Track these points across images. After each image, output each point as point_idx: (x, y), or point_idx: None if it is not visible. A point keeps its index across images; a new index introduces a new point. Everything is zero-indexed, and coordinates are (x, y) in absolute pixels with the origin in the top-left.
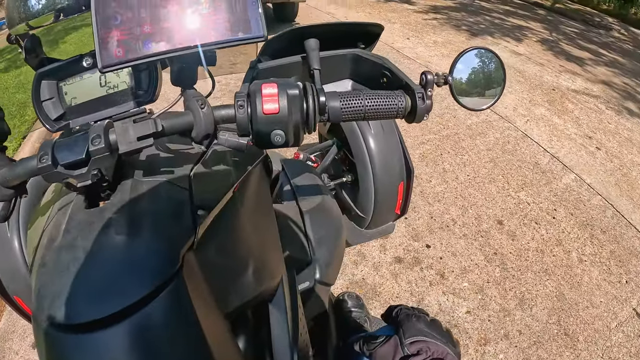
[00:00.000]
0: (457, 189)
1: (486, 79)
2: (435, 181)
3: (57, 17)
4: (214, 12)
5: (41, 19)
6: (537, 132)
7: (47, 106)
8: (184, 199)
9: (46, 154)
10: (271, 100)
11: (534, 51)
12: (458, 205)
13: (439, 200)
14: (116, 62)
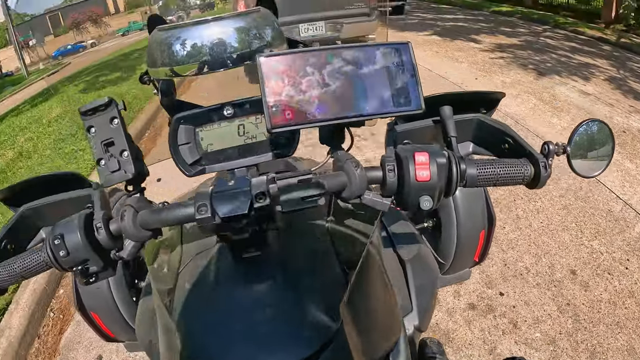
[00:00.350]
0: (530, 237)
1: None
2: (509, 228)
3: (200, 68)
4: (377, 84)
5: (184, 67)
6: (609, 177)
7: (184, 150)
8: (330, 253)
9: (205, 205)
10: (423, 168)
11: (602, 90)
12: (531, 253)
13: (513, 247)
14: (284, 124)
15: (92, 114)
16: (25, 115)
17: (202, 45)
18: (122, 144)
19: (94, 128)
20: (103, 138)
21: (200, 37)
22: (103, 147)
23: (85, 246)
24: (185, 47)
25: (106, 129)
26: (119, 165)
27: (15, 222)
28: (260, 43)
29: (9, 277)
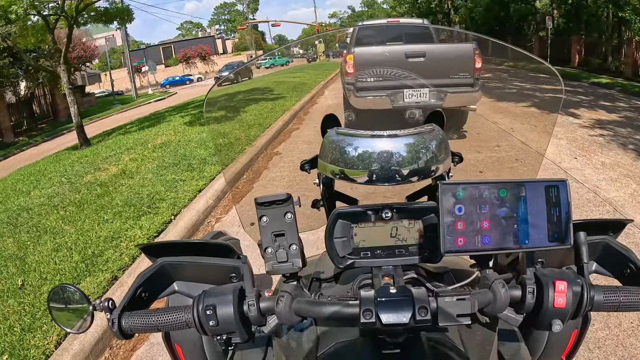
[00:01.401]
0: (618, 337)
1: None
2: (597, 325)
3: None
4: (537, 219)
5: (352, 171)
6: None
7: (338, 243)
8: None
9: (370, 311)
10: (561, 296)
11: None
12: (618, 355)
13: (599, 347)
14: (456, 249)
15: (267, 205)
16: (132, 136)
17: (374, 156)
18: (292, 238)
19: (266, 217)
20: (274, 229)
21: (373, 147)
22: (272, 236)
23: (237, 321)
24: (357, 154)
25: (279, 221)
26: (287, 257)
27: (153, 272)
28: (428, 161)
29: (144, 327)
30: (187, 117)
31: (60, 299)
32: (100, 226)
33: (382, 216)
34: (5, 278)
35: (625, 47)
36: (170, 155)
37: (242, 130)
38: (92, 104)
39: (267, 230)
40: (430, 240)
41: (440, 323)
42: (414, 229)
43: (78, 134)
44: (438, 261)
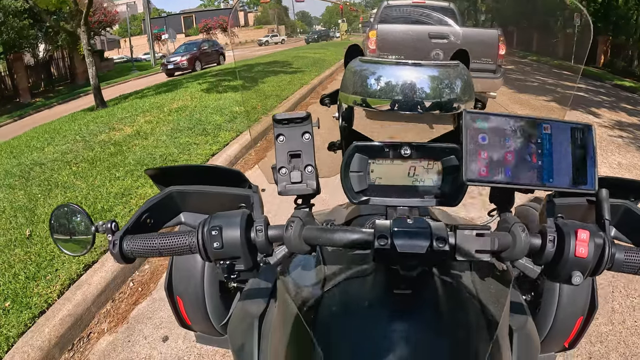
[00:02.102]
0: (621, 334)
1: None
2: (601, 319)
3: (391, 106)
4: (562, 159)
5: (374, 100)
6: None
7: (354, 178)
8: (475, 306)
9: (385, 237)
10: (583, 245)
11: None
12: (619, 351)
13: (602, 341)
14: (479, 179)
15: (286, 123)
16: (148, 99)
17: (397, 85)
18: (308, 159)
19: (283, 137)
20: (291, 149)
21: (397, 76)
22: (288, 157)
23: (242, 245)
24: (380, 82)
25: (296, 141)
26: (302, 178)
27: (160, 199)
28: (451, 96)
29: (146, 250)
30: (204, 85)
31: (63, 218)
32: (111, 183)
33: (401, 153)
34: (14, 228)
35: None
36: (186, 119)
37: (258, 100)
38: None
39: (282, 150)
40: (448, 183)
41: (458, 257)
42: (432, 170)
43: (95, 95)
44: (455, 205)
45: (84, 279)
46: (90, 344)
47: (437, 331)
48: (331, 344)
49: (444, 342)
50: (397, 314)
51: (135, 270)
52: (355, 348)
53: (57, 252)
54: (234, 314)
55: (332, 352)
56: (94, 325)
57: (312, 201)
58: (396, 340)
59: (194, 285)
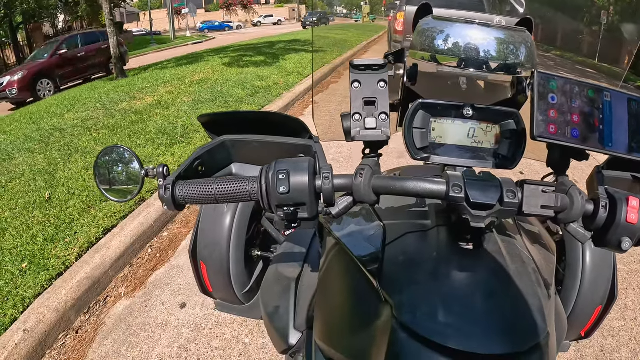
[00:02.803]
0: (633, 331)
1: None
2: (614, 315)
3: (459, 64)
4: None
5: (442, 57)
6: None
7: (416, 134)
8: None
9: (459, 186)
10: (634, 211)
11: None
12: (630, 347)
13: (614, 336)
14: (547, 136)
15: (362, 69)
16: (169, 71)
17: (466, 44)
18: (383, 107)
19: (358, 83)
20: (365, 95)
21: (466, 36)
22: (363, 103)
23: (310, 191)
24: (449, 40)
25: (371, 88)
26: (376, 125)
27: (214, 147)
28: (515, 60)
29: (200, 196)
30: (226, 59)
31: (109, 161)
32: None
33: (463, 113)
34: (33, 191)
35: None
36: (207, 91)
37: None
38: (129, 42)
39: (357, 96)
40: (506, 146)
41: (525, 210)
42: (491, 133)
43: (115, 64)
44: (512, 167)
45: (102, 242)
46: (106, 307)
47: (501, 285)
48: (401, 294)
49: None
50: (462, 267)
51: (154, 236)
52: (426, 297)
53: (76, 215)
54: (267, 277)
55: (402, 302)
56: (111, 290)
57: None
58: (464, 291)
59: (219, 251)
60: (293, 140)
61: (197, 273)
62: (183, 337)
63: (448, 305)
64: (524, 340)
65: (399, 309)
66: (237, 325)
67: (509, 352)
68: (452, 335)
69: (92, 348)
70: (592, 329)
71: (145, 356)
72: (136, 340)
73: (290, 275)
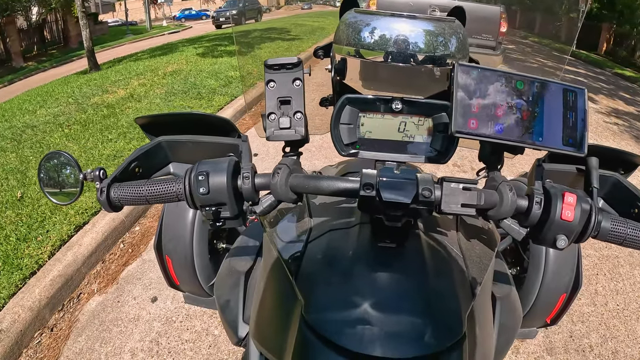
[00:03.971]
0: (603, 316)
1: None
2: (584, 300)
3: (386, 58)
4: (552, 119)
5: (368, 52)
6: None
7: (343, 130)
8: (462, 265)
9: (371, 185)
10: (570, 208)
11: None
12: (600, 333)
13: (583, 321)
14: (467, 131)
15: (277, 69)
16: (142, 62)
17: (391, 37)
18: (298, 106)
19: (273, 83)
20: (281, 95)
21: (391, 29)
22: (278, 103)
23: (228, 190)
24: (374, 34)
25: (286, 87)
26: (291, 124)
27: (150, 148)
28: (444, 51)
29: (133, 198)
30: (200, 49)
31: (51, 166)
32: (103, 145)
33: (392, 108)
34: (5, 190)
35: None
36: (180, 83)
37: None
38: (104, 33)
39: (272, 95)
40: (439, 140)
41: (443, 209)
42: (423, 127)
43: (88, 58)
44: (444, 162)
45: (74, 240)
46: (80, 304)
47: (418, 285)
48: (312, 292)
49: (424, 297)
50: (379, 266)
51: (126, 231)
52: (335, 297)
53: (48, 213)
54: (221, 271)
55: (312, 300)
56: (84, 286)
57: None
58: (376, 291)
59: (183, 244)
60: (222, 139)
61: (163, 267)
62: (154, 330)
63: (355, 306)
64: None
65: (307, 308)
66: (207, 317)
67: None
68: (354, 337)
69: (66, 345)
70: (558, 316)
71: (117, 351)
72: (109, 335)
73: (241, 269)
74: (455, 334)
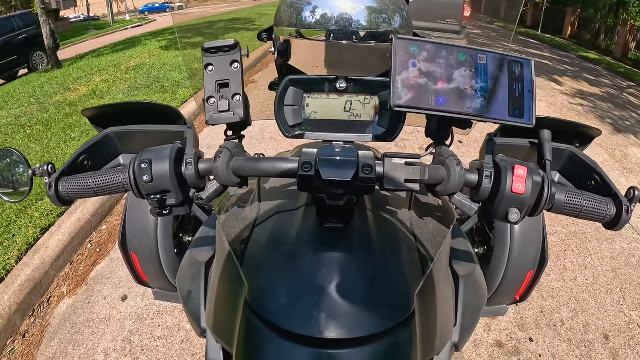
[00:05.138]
0: (572, 290)
1: None
2: (553, 276)
3: (328, 37)
4: (497, 91)
5: (310, 32)
6: None
7: (288, 111)
8: (410, 242)
9: (309, 164)
10: (520, 181)
11: None
12: (570, 307)
13: (553, 297)
14: (407, 105)
15: (214, 52)
16: (105, 58)
17: (332, 16)
18: (236, 88)
19: (212, 67)
20: (219, 78)
21: (332, 7)
22: (217, 86)
23: (171, 177)
24: (315, 14)
25: (224, 70)
26: (229, 107)
27: (98, 141)
28: (388, 27)
29: (81, 190)
30: (163, 42)
31: (5, 165)
32: (67, 144)
33: (337, 87)
34: None
35: (619, 28)
36: (143, 77)
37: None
38: (66, 29)
39: (211, 79)
40: (385, 118)
41: (386, 185)
42: (369, 105)
43: (49, 56)
44: (392, 140)
45: (41, 242)
46: (50, 308)
47: (364, 265)
48: (256, 276)
49: (371, 276)
50: (325, 246)
51: (93, 230)
52: (278, 280)
53: (13, 217)
54: (183, 263)
55: (256, 284)
56: (54, 289)
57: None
58: (320, 272)
59: (147, 239)
60: (168, 127)
61: (129, 264)
62: (126, 329)
63: (298, 288)
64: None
65: (250, 292)
66: (177, 312)
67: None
68: (298, 319)
69: (39, 350)
70: (527, 292)
71: (91, 353)
72: (81, 337)
73: (202, 260)
74: (403, 312)
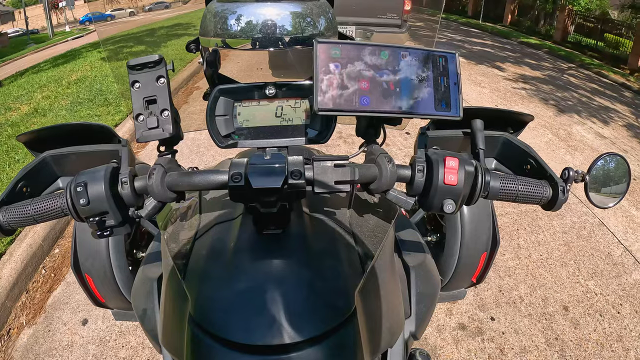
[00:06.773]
0: (528, 267)
1: (612, 180)
2: (508, 255)
3: (253, 45)
4: (422, 86)
5: (235, 41)
6: (613, 222)
7: (220, 122)
8: (349, 242)
9: (239, 174)
10: (452, 172)
11: (618, 136)
12: (527, 283)
13: (510, 275)
14: (332, 108)
15: (140, 69)
16: (45, 73)
17: (257, 23)
18: (164, 104)
19: (138, 83)
20: (146, 95)
21: (256, 15)
22: (144, 103)
23: (108, 198)
24: (239, 22)
25: (151, 86)
26: (158, 123)
27: (35, 166)
28: (313, 31)
29: (21, 219)
30: (104, 53)
31: None
32: (10, 167)
33: (266, 93)
34: None
35: (558, 13)
36: (86, 90)
37: None
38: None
39: (138, 96)
40: (317, 120)
41: (317, 189)
42: (300, 109)
43: None
44: (324, 142)
45: None
46: (11, 340)
47: (302, 269)
48: (197, 289)
49: (309, 279)
50: (263, 254)
51: (46, 256)
52: (218, 291)
53: None
54: (136, 281)
55: (197, 296)
56: (12, 321)
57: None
58: (260, 280)
59: (100, 260)
60: (103, 147)
61: (84, 286)
62: (90, 354)
63: (238, 298)
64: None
65: (193, 306)
66: (140, 331)
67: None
68: (240, 329)
69: None
70: (482, 274)
71: None
72: None
73: (153, 276)
74: (343, 311)
